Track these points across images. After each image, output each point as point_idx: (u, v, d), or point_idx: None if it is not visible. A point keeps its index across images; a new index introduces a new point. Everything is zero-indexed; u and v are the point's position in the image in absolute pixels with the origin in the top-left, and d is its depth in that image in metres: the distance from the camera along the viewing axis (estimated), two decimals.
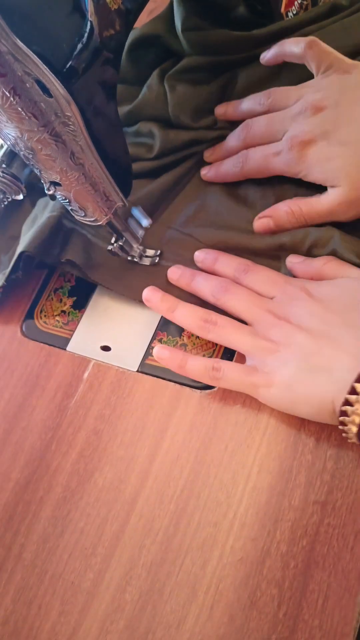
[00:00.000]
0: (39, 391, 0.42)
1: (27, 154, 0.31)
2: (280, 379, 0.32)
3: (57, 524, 0.36)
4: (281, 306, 0.33)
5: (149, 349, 0.40)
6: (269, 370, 0.32)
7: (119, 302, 0.43)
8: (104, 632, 0.32)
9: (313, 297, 0.33)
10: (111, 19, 0.31)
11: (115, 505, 0.35)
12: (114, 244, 0.41)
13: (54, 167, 0.32)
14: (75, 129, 0.30)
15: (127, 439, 0.37)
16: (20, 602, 0.35)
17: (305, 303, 0.32)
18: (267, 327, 0.33)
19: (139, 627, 0.32)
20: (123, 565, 0.34)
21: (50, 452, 0.39)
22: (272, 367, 0.32)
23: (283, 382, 0.31)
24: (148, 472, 0.36)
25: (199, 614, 0.31)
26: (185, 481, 0.35)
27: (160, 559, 0.33)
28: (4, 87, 0.26)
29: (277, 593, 0.30)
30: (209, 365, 0.34)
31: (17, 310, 0.46)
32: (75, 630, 0.33)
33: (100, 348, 0.42)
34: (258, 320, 0.34)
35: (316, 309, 0.32)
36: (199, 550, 0.33)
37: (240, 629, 0.30)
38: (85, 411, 0.39)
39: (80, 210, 0.36)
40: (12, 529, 0.37)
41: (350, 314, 0.31)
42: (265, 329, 0.33)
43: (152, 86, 0.45)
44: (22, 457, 0.39)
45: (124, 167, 0.37)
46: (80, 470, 0.37)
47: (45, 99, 0.27)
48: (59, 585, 0.34)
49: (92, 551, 0.35)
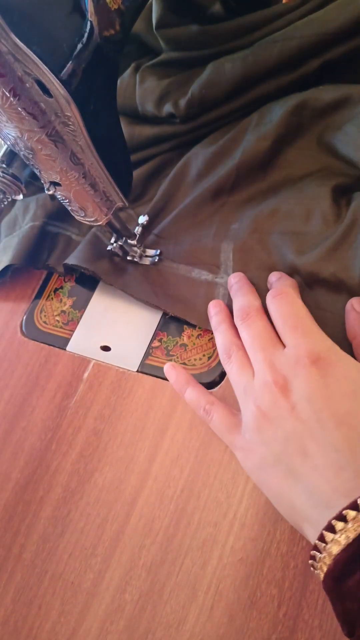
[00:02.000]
0: (39, 391, 0.42)
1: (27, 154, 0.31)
2: (255, 461, 0.30)
3: (57, 524, 0.36)
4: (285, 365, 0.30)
5: (149, 349, 0.40)
6: (248, 439, 0.30)
7: (119, 302, 0.43)
8: (104, 632, 0.32)
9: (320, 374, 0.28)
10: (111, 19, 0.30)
11: (115, 505, 0.35)
12: (114, 244, 0.41)
13: (54, 167, 0.32)
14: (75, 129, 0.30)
15: (127, 439, 0.37)
16: (20, 602, 0.35)
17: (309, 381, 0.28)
18: (261, 387, 0.30)
19: (139, 627, 0.32)
20: (123, 566, 0.34)
21: (50, 452, 0.39)
22: (251, 439, 0.30)
23: (256, 464, 0.30)
24: (148, 472, 0.36)
25: (199, 614, 0.31)
26: (185, 481, 0.35)
27: (160, 559, 0.33)
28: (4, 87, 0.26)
29: (277, 593, 0.30)
30: (202, 403, 0.34)
31: (17, 310, 0.46)
32: (75, 630, 0.33)
33: (100, 348, 0.42)
34: (257, 371, 0.31)
35: (317, 395, 0.28)
36: (199, 550, 0.33)
37: (240, 629, 0.30)
38: (85, 411, 0.39)
39: (80, 210, 0.36)
40: (12, 529, 0.37)
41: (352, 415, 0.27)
42: (261, 389, 0.30)
43: (125, 78, 0.47)
44: (22, 457, 0.39)
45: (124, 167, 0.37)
46: (80, 471, 0.37)
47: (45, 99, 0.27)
48: (59, 585, 0.34)
49: (92, 551, 0.35)
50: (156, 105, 0.45)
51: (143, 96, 0.46)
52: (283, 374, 0.29)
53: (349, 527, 0.24)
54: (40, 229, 0.46)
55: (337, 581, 0.24)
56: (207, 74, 0.43)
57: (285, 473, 0.28)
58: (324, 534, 0.25)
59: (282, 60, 0.40)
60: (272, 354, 0.31)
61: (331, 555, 0.25)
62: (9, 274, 0.47)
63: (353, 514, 0.24)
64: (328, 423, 0.27)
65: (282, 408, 0.28)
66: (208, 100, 0.43)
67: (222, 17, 0.44)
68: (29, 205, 0.48)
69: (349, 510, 0.24)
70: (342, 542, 0.24)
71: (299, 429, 0.28)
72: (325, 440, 0.27)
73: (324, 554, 0.25)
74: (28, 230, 0.45)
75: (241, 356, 0.33)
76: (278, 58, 0.40)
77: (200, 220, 0.42)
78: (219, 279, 0.39)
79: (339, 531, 0.24)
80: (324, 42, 0.40)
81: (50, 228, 0.47)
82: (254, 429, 0.30)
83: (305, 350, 0.29)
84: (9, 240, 0.47)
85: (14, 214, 0.49)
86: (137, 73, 0.47)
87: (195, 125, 0.44)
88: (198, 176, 0.43)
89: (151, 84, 0.45)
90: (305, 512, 0.27)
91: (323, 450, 0.26)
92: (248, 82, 0.42)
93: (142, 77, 0.46)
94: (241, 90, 0.42)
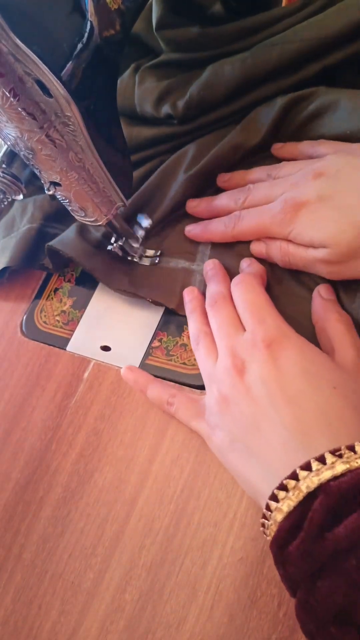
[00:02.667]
0: (39, 391, 0.42)
1: (27, 154, 0.31)
2: (217, 443, 0.31)
3: (57, 524, 0.36)
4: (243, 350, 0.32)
5: (149, 349, 0.40)
6: (211, 424, 0.32)
7: (119, 302, 0.43)
8: (104, 632, 0.32)
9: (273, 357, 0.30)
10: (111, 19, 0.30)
11: (115, 505, 0.35)
12: (114, 244, 0.41)
13: (54, 167, 0.32)
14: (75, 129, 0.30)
15: (127, 439, 0.37)
16: (20, 602, 0.35)
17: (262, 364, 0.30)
18: (221, 372, 0.32)
19: (139, 627, 0.32)
20: (123, 565, 0.34)
21: (50, 452, 0.39)
22: (214, 422, 0.32)
23: (219, 445, 0.31)
24: (148, 472, 0.36)
25: (199, 614, 0.31)
26: (185, 481, 0.35)
27: (160, 559, 0.33)
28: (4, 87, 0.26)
29: (277, 593, 0.30)
30: (165, 397, 0.35)
31: (17, 310, 0.46)
32: (75, 630, 0.33)
33: (100, 348, 0.42)
34: (219, 357, 0.33)
35: (270, 376, 0.30)
36: (199, 550, 0.33)
37: (240, 629, 0.30)
38: (85, 411, 0.39)
39: (80, 210, 0.36)
40: (12, 529, 0.37)
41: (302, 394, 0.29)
42: (222, 374, 0.32)
43: (124, 78, 0.47)
44: (22, 457, 0.39)
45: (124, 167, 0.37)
46: (80, 471, 0.37)
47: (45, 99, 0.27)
48: (59, 585, 0.34)
49: (92, 551, 0.35)
50: (154, 106, 0.45)
51: (142, 97, 0.46)
52: (241, 358, 0.31)
53: (290, 496, 0.26)
54: (37, 231, 0.46)
55: (280, 547, 0.26)
56: (206, 76, 0.43)
57: (243, 451, 0.30)
58: (269, 503, 0.27)
59: (282, 63, 0.40)
60: (233, 340, 0.33)
61: (276, 522, 0.26)
62: (6, 276, 0.47)
63: (293, 483, 0.26)
64: (279, 403, 0.29)
65: (240, 390, 0.30)
66: (206, 102, 0.43)
67: (223, 17, 0.44)
68: (27, 207, 0.48)
69: (289, 480, 0.26)
70: (285, 510, 0.26)
71: (253, 409, 0.30)
72: (276, 418, 0.29)
73: (270, 521, 0.27)
74: (25, 232, 0.45)
75: (208, 343, 0.35)
76: (277, 61, 0.40)
77: (183, 213, 0.43)
78: (195, 266, 0.41)
79: (281, 500, 0.26)
80: (323, 45, 0.39)
81: (48, 230, 0.47)
82: (216, 412, 0.32)
83: (261, 335, 0.31)
84: (6, 241, 0.47)
85: (11, 215, 0.49)
86: (136, 74, 0.47)
87: (193, 126, 0.44)
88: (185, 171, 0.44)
89: (150, 85, 0.45)
90: (259, 486, 0.28)
91: (274, 428, 0.28)
92: (247, 85, 0.42)
93: (142, 78, 0.46)
94: (240, 93, 0.42)
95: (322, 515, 0.25)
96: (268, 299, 0.34)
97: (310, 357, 0.30)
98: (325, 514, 0.25)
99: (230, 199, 0.40)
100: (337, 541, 0.24)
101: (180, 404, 0.35)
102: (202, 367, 0.34)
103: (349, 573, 0.23)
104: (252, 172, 0.41)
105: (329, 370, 0.30)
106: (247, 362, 0.31)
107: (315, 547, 0.24)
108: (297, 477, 0.26)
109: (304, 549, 0.25)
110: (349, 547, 0.24)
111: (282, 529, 0.26)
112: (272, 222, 0.35)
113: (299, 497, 0.26)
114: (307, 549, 0.25)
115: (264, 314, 0.33)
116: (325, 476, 0.25)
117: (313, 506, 0.25)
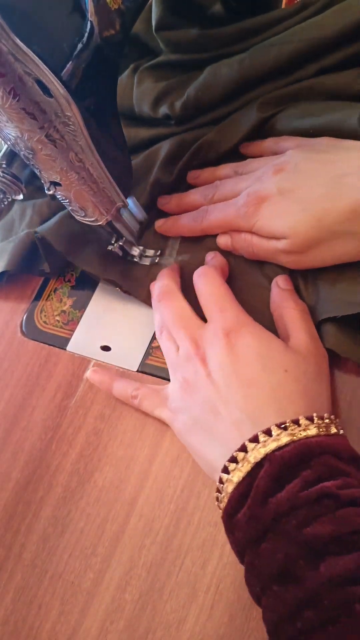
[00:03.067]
0: (39, 391, 0.42)
1: (27, 154, 0.31)
2: (179, 426, 0.33)
3: (57, 524, 0.36)
4: (204, 339, 0.34)
5: (149, 348, 0.40)
6: (173, 409, 0.34)
7: (119, 302, 0.43)
8: (104, 632, 0.32)
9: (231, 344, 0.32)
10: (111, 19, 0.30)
11: (115, 505, 0.35)
12: (114, 244, 0.41)
13: (54, 167, 0.32)
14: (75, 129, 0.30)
15: (127, 439, 0.37)
16: (20, 602, 0.35)
17: (220, 351, 0.32)
18: (184, 360, 0.34)
19: (139, 627, 0.32)
20: (123, 565, 0.34)
21: (50, 452, 0.39)
22: (177, 407, 0.34)
23: (181, 428, 0.33)
24: (148, 472, 0.36)
25: (199, 614, 0.31)
26: (185, 481, 0.35)
27: (160, 559, 0.33)
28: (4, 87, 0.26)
29: None
30: (129, 392, 0.37)
31: (17, 310, 0.46)
32: (75, 630, 0.33)
33: (100, 348, 0.42)
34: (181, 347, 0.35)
35: (227, 362, 0.32)
36: (199, 550, 0.33)
37: (240, 629, 0.30)
38: (85, 411, 0.39)
39: (81, 210, 0.36)
40: (12, 528, 0.37)
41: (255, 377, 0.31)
42: (184, 361, 0.34)
43: (123, 78, 0.47)
44: (22, 457, 0.39)
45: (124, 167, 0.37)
46: (80, 470, 0.37)
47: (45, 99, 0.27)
48: (59, 585, 0.34)
49: (92, 551, 0.35)
50: (152, 107, 0.45)
51: (140, 97, 0.46)
52: (203, 347, 0.33)
53: (239, 467, 0.28)
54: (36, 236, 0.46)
55: (230, 516, 0.28)
56: (204, 77, 0.43)
57: (202, 432, 0.32)
58: (222, 476, 0.29)
59: (279, 64, 0.40)
60: (192, 330, 0.35)
61: (227, 494, 0.28)
62: (4, 279, 0.47)
63: (242, 455, 0.28)
64: (234, 386, 0.31)
65: (201, 376, 0.32)
66: (204, 102, 0.43)
67: (223, 17, 0.44)
68: (26, 211, 0.48)
69: (239, 452, 0.28)
70: (235, 481, 0.28)
71: (212, 393, 0.31)
72: (231, 400, 0.31)
73: (223, 493, 0.29)
74: (24, 237, 0.45)
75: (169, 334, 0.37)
76: (274, 62, 0.40)
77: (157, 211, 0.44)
78: (164, 260, 0.42)
79: (231, 471, 0.28)
80: (321, 46, 0.39)
81: None
82: (179, 398, 0.33)
83: (221, 325, 0.33)
84: (5, 245, 0.46)
85: (10, 217, 0.49)
86: (135, 74, 0.47)
87: (190, 127, 0.44)
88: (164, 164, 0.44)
89: (148, 86, 0.45)
90: (215, 463, 0.30)
91: (229, 409, 0.30)
92: (244, 85, 0.42)
93: (140, 79, 0.46)
94: (237, 93, 0.43)
95: (266, 482, 0.27)
96: (228, 289, 0.36)
97: (265, 343, 0.32)
98: (270, 481, 0.27)
99: (200, 195, 0.41)
100: (279, 505, 0.26)
101: (144, 395, 0.36)
102: (166, 355, 0.36)
103: (289, 532, 0.25)
104: (220, 169, 0.42)
105: (281, 355, 0.32)
106: (208, 350, 0.33)
107: (260, 512, 0.26)
108: (245, 449, 0.28)
109: (250, 515, 0.26)
110: (289, 510, 0.25)
111: (232, 498, 0.28)
112: (236, 215, 0.37)
113: (247, 468, 0.28)
114: (253, 514, 0.26)
115: (225, 305, 0.34)
116: (270, 447, 0.27)
117: (259, 475, 0.27)
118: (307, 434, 0.28)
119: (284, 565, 0.25)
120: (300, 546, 0.24)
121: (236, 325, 0.33)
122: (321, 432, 0.28)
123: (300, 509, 0.25)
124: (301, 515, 0.25)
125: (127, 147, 0.38)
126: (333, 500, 0.25)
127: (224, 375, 0.31)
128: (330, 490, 0.25)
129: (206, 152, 0.43)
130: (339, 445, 0.28)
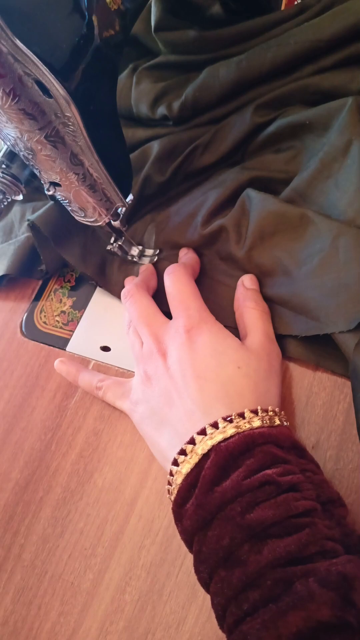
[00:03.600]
0: (39, 391, 0.42)
1: (27, 154, 0.31)
2: (137, 417, 0.35)
3: (57, 525, 0.36)
4: (167, 335, 0.35)
5: None
6: (134, 401, 0.35)
7: (119, 302, 0.43)
8: (103, 632, 0.32)
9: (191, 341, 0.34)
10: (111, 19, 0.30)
11: (114, 505, 0.35)
12: (114, 244, 0.41)
13: (54, 167, 0.32)
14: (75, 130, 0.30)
15: (127, 439, 0.37)
16: (20, 602, 0.35)
17: (180, 346, 0.33)
18: (147, 355, 0.35)
19: (139, 628, 0.32)
20: (123, 566, 0.34)
21: (50, 452, 0.39)
22: (137, 398, 0.35)
23: (139, 418, 0.34)
24: (148, 472, 0.36)
25: (199, 614, 0.31)
26: None
27: (160, 559, 0.33)
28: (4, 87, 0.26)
29: None
30: (94, 383, 0.38)
31: (17, 310, 0.46)
32: (75, 630, 0.33)
33: (100, 348, 0.42)
34: (144, 343, 0.36)
35: (185, 357, 0.33)
36: None
37: None
38: (84, 411, 0.39)
39: (80, 210, 0.36)
40: (12, 529, 0.37)
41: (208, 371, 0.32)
42: (147, 356, 0.35)
43: (122, 78, 0.48)
44: (22, 458, 0.39)
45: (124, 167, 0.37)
46: (80, 471, 0.37)
47: (45, 100, 0.27)
48: (59, 585, 0.34)
49: (91, 552, 0.35)
50: (150, 108, 0.45)
51: (138, 97, 0.46)
52: (165, 343, 0.35)
53: (188, 459, 0.29)
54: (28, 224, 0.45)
55: (179, 506, 0.29)
56: (202, 78, 0.43)
57: (157, 423, 0.33)
58: (172, 468, 0.30)
59: (276, 66, 0.40)
60: (155, 327, 0.36)
61: (177, 485, 0.29)
62: (4, 282, 0.47)
63: (190, 447, 0.29)
64: (189, 378, 0.32)
65: (161, 369, 0.34)
66: (201, 103, 0.43)
67: (222, 18, 0.44)
68: (26, 213, 0.48)
69: (188, 444, 0.29)
70: (183, 472, 0.29)
71: (169, 385, 0.33)
72: (185, 392, 0.32)
73: (173, 485, 0.29)
74: (24, 241, 0.45)
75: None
76: (271, 64, 0.41)
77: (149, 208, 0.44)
78: (136, 258, 0.43)
79: (180, 463, 0.29)
80: (318, 48, 0.39)
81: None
82: (140, 390, 0.35)
83: (183, 322, 0.35)
84: (4, 247, 0.46)
85: (10, 219, 0.49)
86: (134, 74, 0.47)
87: (187, 127, 0.45)
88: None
89: (147, 86, 0.45)
90: (167, 453, 0.31)
91: (183, 400, 0.32)
92: (241, 87, 0.42)
93: (139, 79, 0.46)
94: (234, 94, 0.43)
95: (213, 472, 0.28)
96: (194, 288, 0.37)
97: (221, 340, 0.34)
98: (216, 471, 0.28)
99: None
100: (224, 493, 0.27)
101: (108, 387, 0.38)
102: (132, 350, 0.37)
103: (234, 518, 0.26)
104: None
105: (235, 352, 0.33)
106: (169, 346, 0.34)
107: (207, 500, 0.27)
108: (194, 441, 0.29)
109: (197, 503, 0.27)
110: (234, 497, 0.26)
111: (181, 489, 0.28)
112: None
113: (195, 460, 0.29)
114: (200, 503, 0.27)
115: (189, 303, 0.36)
116: (217, 439, 0.29)
117: (206, 465, 0.28)
118: (251, 426, 0.29)
119: (230, 550, 0.26)
120: (244, 531, 0.26)
121: (198, 322, 0.34)
122: (265, 424, 0.29)
123: (244, 496, 0.26)
124: (245, 502, 0.26)
125: (127, 148, 0.38)
126: (274, 487, 0.27)
127: (181, 369, 0.33)
128: (271, 477, 0.27)
129: (200, 154, 0.43)
130: (280, 435, 0.29)
